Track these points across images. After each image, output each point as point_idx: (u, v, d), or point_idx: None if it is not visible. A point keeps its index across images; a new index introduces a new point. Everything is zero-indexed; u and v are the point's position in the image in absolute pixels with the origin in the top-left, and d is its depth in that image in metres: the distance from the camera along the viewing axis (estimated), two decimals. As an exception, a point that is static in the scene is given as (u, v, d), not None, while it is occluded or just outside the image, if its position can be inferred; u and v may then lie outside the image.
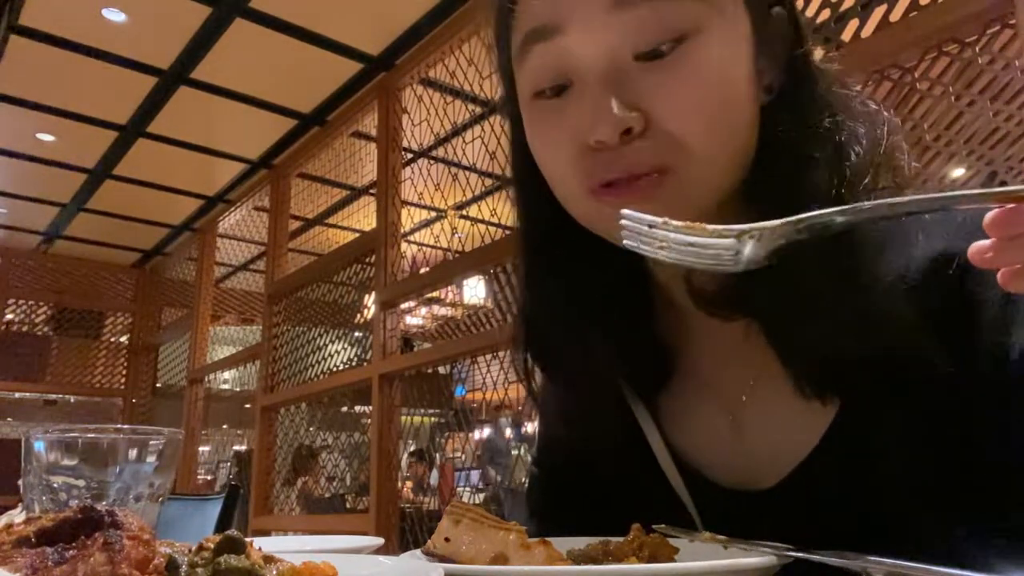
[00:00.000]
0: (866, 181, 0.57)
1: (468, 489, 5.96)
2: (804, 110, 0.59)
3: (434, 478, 6.11)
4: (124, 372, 6.46)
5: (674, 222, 0.47)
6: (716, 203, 0.60)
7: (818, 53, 0.64)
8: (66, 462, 0.55)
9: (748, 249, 0.44)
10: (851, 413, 0.59)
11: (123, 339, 6.56)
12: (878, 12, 1.98)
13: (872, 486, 0.57)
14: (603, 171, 0.58)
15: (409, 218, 3.78)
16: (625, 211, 0.49)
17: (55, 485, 0.55)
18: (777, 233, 0.43)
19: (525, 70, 0.61)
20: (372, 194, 3.91)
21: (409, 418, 3.84)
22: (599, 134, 0.56)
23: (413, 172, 3.81)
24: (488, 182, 3.41)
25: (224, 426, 8.54)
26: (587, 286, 0.68)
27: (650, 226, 0.48)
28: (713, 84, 0.56)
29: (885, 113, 0.63)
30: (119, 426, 0.59)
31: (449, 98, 3.54)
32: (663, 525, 0.57)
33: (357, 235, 4.15)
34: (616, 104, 0.55)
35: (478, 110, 3.37)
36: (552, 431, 0.83)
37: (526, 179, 0.69)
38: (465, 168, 3.40)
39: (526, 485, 0.88)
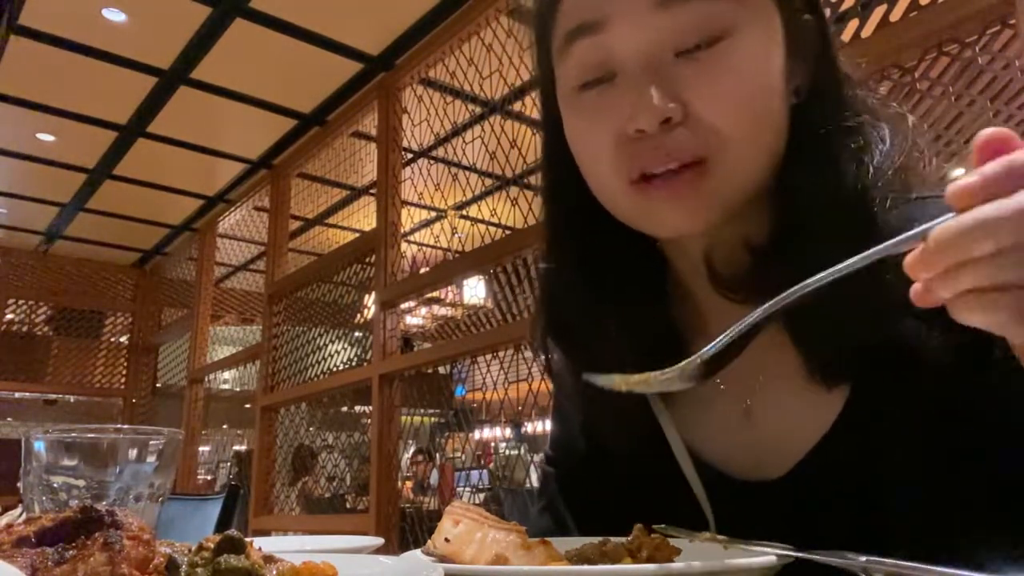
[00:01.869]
0: (888, 178, 0.59)
1: (468, 489, 5.96)
2: (831, 112, 0.62)
3: (434, 478, 6.11)
4: (124, 372, 6.46)
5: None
6: (746, 199, 0.62)
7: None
8: (66, 462, 0.55)
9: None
10: (861, 401, 0.60)
11: (123, 339, 6.56)
12: (878, 12, 1.98)
13: (882, 475, 0.58)
14: (644, 160, 0.60)
15: (409, 218, 3.78)
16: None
17: (55, 485, 0.55)
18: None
19: (568, 64, 0.64)
20: (372, 194, 3.91)
21: (409, 418, 3.84)
22: (640, 123, 0.58)
23: (413, 172, 3.81)
24: (488, 182, 3.41)
25: (224, 426, 8.55)
26: (607, 276, 0.71)
27: None
28: (748, 79, 0.59)
29: (911, 117, 0.66)
30: (119, 426, 0.59)
31: (449, 98, 3.54)
32: (663, 525, 0.57)
33: (357, 235, 4.15)
34: (656, 94, 0.58)
35: (478, 110, 3.37)
36: (567, 429, 0.84)
37: (556, 173, 0.72)
38: (465, 168, 3.40)
39: (537, 483, 0.89)
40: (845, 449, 0.60)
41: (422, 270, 3.77)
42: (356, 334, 4.07)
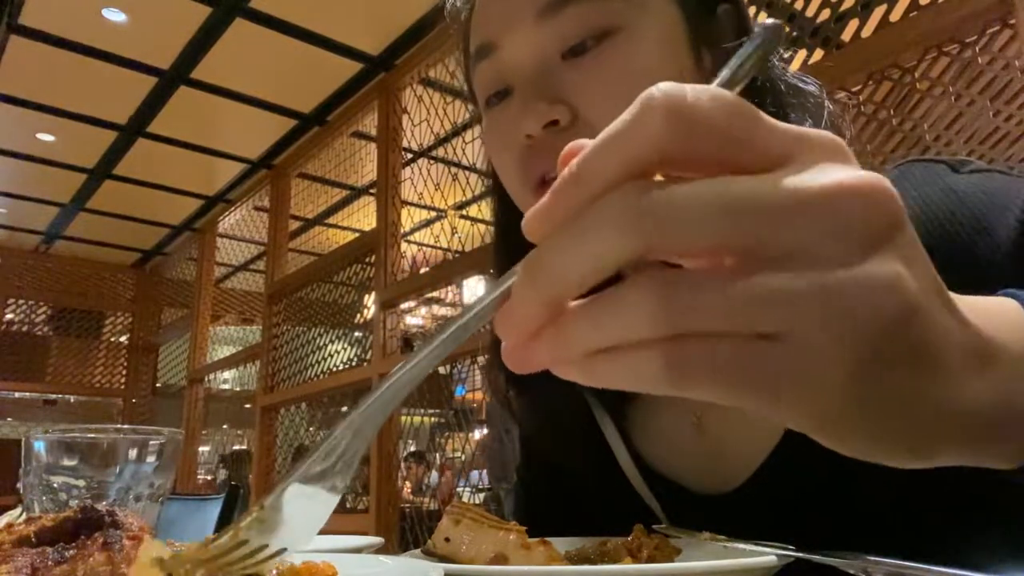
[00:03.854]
0: None
1: (468, 489, 5.95)
2: (756, 102, 0.59)
3: (433, 478, 6.11)
4: (124, 372, 6.46)
5: None
6: None
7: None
8: (66, 462, 0.55)
9: None
10: None
11: (123, 339, 6.56)
12: (878, 12, 1.98)
13: (837, 485, 0.56)
14: (537, 165, 0.59)
15: (409, 218, 3.78)
16: None
17: (55, 485, 0.55)
18: None
19: (476, 84, 0.66)
20: (372, 194, 3.91)
21: (409, 418, 3.84)
22: (526, 128, 0.58)
23: (413, 172, 3.81)
24: (488, 182, 3.41)
25: (224, 426, 8.54)
26: None
27: None
28: (636, 77, 0.57)
29: (829, 104, 0.64)
30: (119, 426, 0.59)
31: (449, 98, 3.54)
32: (663, 525, 0.57)
33: (357, 235, 4.15)
34: (539, 97, 0.58)
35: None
36: (527, 445, 0.83)
37: (495, 188, 0.73)
38: (465, 168, 3.41)
39: (512, 499, 0.87)
40: (799, 457, 0.58)
41: (422, 270, 3.77)
42: (356, 334, 4.07)
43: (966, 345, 0.27)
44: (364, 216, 4.40)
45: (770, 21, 0.31)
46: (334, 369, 3.99)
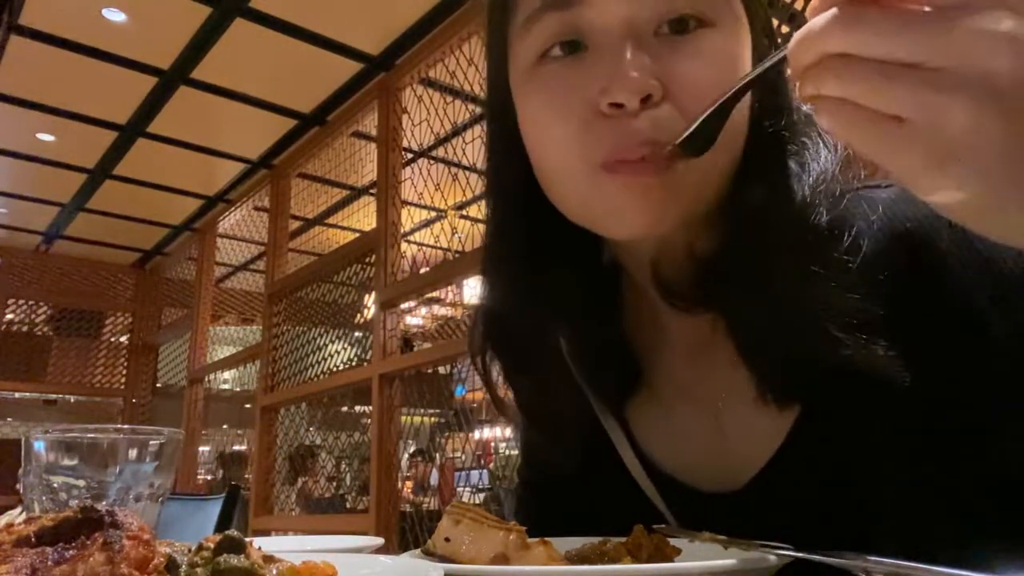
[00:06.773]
0: (826, 187, 0.58)
1: (468, 489, 5.95)
2: (780, 132, 0.61)
3: (434, 478, 6.11)
4: (124, 372, 6.46)
5: None
6: (705, 204, 0.59)
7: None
8: (66, 462, 0.55)
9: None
10: (812, 414, 0.59)
11: (123, 339, 6.56)
12: (878, 12, 1.98)
13: (840, 485, 0.57)
14: (614, 140, 0.54)
15: (409, 218, 3.77)
16: None
17: (55, 485, 0.55)
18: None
19: (532, 35, 0.58)
20: (372, 194, 3.91)
21: (409, 418, 3.84)
22: (618, 95, 0.52)
23: (413, 172, 3.81)
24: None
25: (224, 426, 8.54)
26: (556, 284, 0.67)
27: None
28: (727, 74, 0.55)
29: None
30: (119, 426, 0.59)
31: (449, 98, 3.54)
32: (664, 526, 0.57)
33: (357, 235, 4.15)
34: (639, 64, 0.53)
35: (478, 110, 3.36)
36: (528, 445, 0.83)
37: (502, 167, 0.69)
38: (465, 168, 3.40)
39: (513, 499, 0.86)
40: (800, 460, 0.59)
41: (422, 270, 3.77)
42: (356, 334, 4.07)
43: None
44: (364, 216, 4.40)
45: None
46: (334, 369, 3.99)
